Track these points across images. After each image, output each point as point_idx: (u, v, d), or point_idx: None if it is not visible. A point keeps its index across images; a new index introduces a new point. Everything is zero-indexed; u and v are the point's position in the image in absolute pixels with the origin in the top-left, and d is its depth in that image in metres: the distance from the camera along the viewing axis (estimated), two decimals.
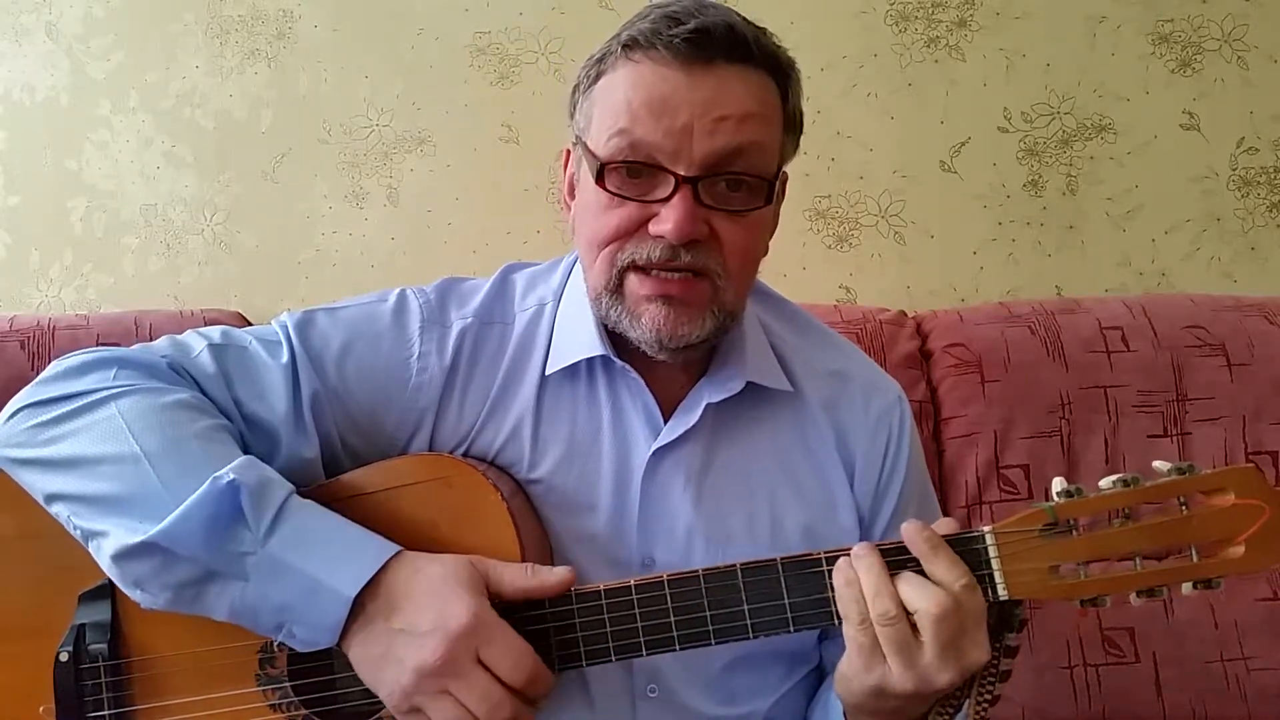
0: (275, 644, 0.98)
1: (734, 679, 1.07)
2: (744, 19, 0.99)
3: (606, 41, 1.02)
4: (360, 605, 0.88)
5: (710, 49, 0.95)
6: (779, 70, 1.01)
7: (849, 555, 0.88)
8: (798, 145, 1.07)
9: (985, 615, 0.86)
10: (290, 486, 0.92)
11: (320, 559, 0.88)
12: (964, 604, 0.84)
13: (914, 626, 0.84)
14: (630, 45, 0.98)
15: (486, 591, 0.89)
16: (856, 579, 0.87)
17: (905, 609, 0.84)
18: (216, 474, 0.88)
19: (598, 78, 1.01)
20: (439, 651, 0.85)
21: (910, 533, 0.87)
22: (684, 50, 0.94)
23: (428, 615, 0.87)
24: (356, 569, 0.88)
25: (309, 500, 0.93)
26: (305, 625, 0.89)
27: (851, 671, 0.87)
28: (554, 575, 0.92)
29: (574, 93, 1.06)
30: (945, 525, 0.90)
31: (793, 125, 1.04)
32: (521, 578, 0.91)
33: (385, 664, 0.88)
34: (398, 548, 0.91)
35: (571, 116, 1.06)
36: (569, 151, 1.08)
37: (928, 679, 0.84)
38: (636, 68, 0.97)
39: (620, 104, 0.97)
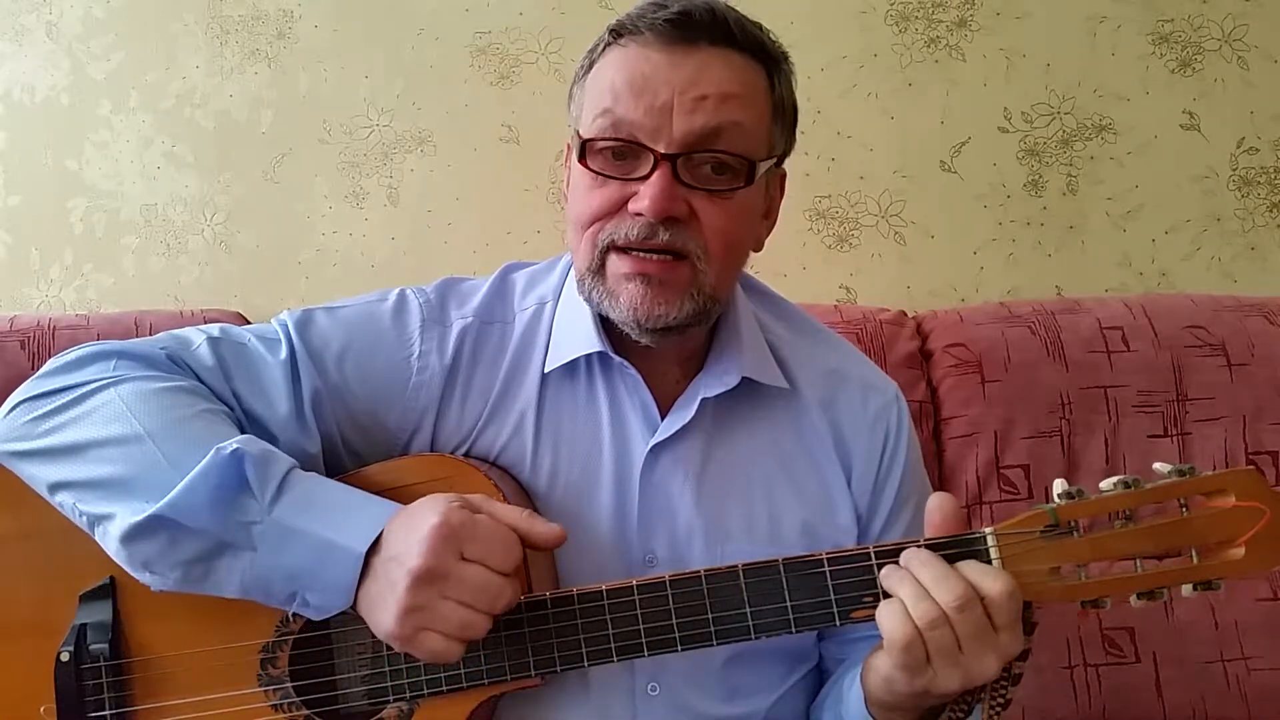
0: (274, 644, 0.98)
1: (735, 677, 1.07)
2: (731, 8, 1.01)
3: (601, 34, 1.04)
4: (369, 562, 0.88)
5: (692, 30, 0.97)
6: (765, 56, 1.02)
7: (895, 563, 0.89)
8: (792, 138, 1.08)
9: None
10: (293, 460, 0.93)
11: (328, 521, 0.89)
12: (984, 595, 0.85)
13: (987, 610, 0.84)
14: (617, 31, 1.01)
15: (466, 503, 0.89)
16: (910, 575, 0.87)
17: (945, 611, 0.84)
18: (220, 445, 0.89)
19: (590, 67, 1.04)
20: (421, 557, 0.85)
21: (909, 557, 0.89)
22: (666, 32, 0.97)
23: (406, 535, 0.87)
24: (364, 526, 0.89)
25: (311, 473, 0.94)
26: (318, 590, 0.89)
27: (899, 676, 0.87)
28: (547, 526, 0.91)
29: (572, 85, 1.08)
30: (939, 499, 0.91)
31: (782, 114, 1.05)
32: (516, 515, 0.91)
33: (381, 595, 0.87)
34: (400, 506, 0.91)
35: (569, 109, 1.08)
36: (569, 145, 1.09)
37: (982, 669, 0.85)
38: (623, 51, 0.99)
39: (605, 87, 0.99)
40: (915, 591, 0.85)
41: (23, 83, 2.06)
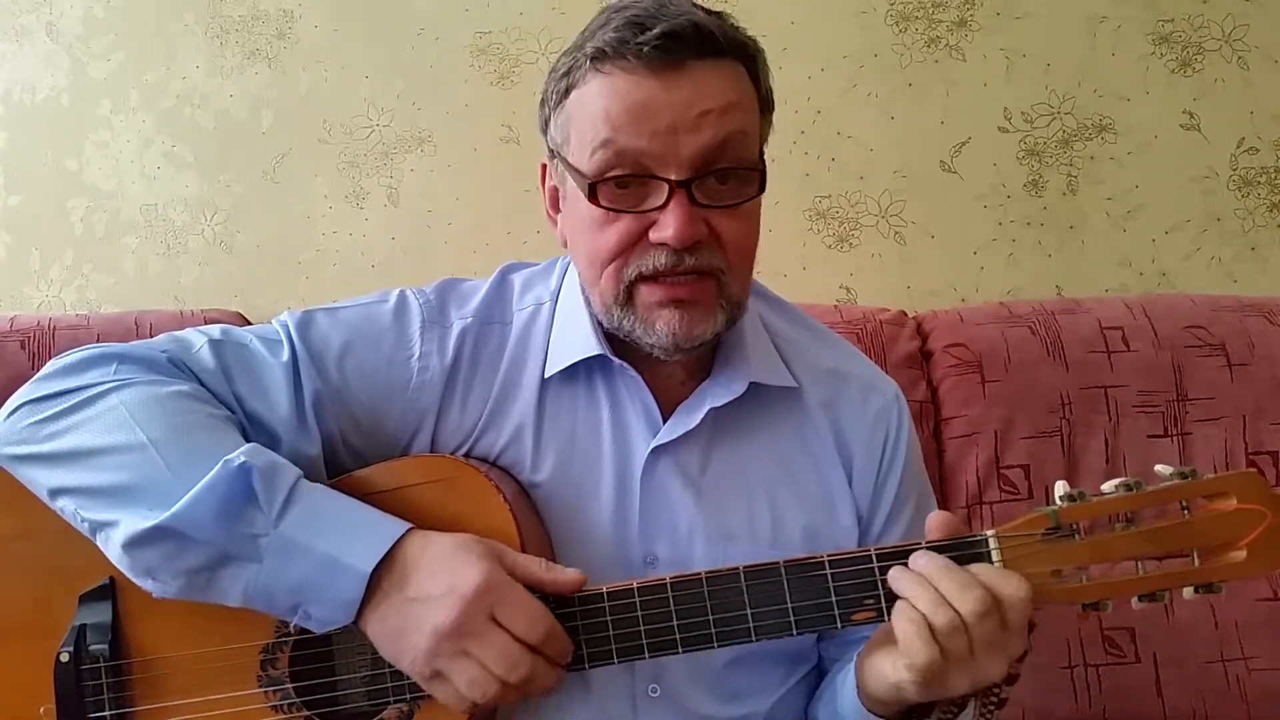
0: (275, 645, 0.98)
1: (735, 678, 1.07)
2: (704, 10, 0.99)
3: (570, 53, 1.01)
4: (376, 581, 0.89)
5: (680, 51, 0.94)
6: (747, 56, 1.00)
7: (903, 565, 0.88)
8: (771, 124, 1.07)
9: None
10: (299, 471, 0.93)
11: (334, 537, 0.89)
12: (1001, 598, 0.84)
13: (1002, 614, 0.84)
14: (598, 57, 0.97)
15: (499, 562, 0.90)
16: (926, 582, 0.86)
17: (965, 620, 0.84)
18: (228, 457, 0.89)
19: (567, 91, 1.00)
20: (453, 612, 0.86)
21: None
22: (654, 57, 0.94)
23: (441, 581, 0.88)
24: (371, 544, 0.89)
25: (318, 484, 0.94)
26: (322, 604, 0.89)
27: (911, 686, 0.86)
28: (567, 575, 0.92)
29: (543, 107, 1.05)
30: (939, 518, 0.91)
31: (768, 106, 1.05)
32: (535, 567, 0.92)
33: (403, 634, 0.88)
34: (410, 525, 0.91)
35: (544, 131, 1.06)
36: (544, 166, 1.09)
37: (987, 673, 0.85)
38: (608, 79, 0.96)
39: (599, 116, 0.96)
40: (933, 599, 0.84)
41: (23, 83, 2.06)
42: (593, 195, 0.97)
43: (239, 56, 2.03)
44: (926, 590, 0.85)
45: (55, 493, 0.94)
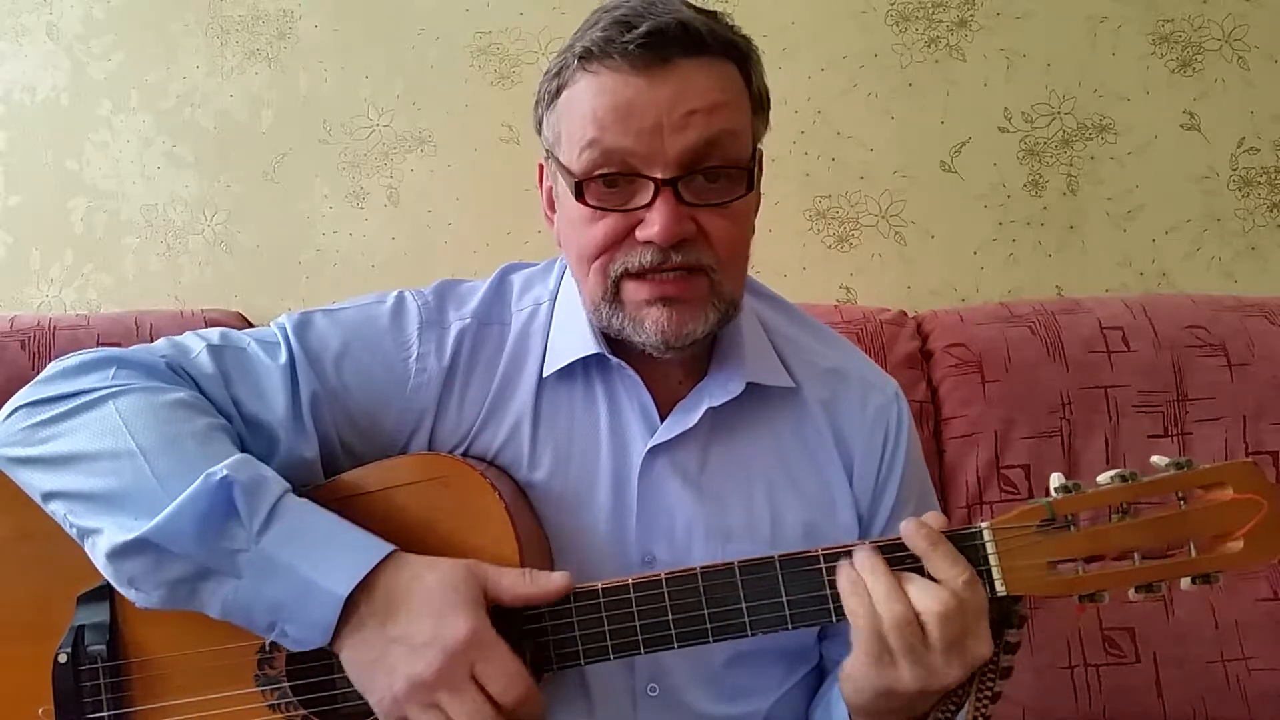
0: (272, 644, 0.98)
1: (735, 677, 1.07)
2: (694, 8, 0.98)
3: (560, 53, 1.01)
4: (354, 606, 0.87)
5: (666, 49, 0.94)
6: (738, 54, 1.00)
7: (850, 559, 0.88)
8: (768, 122, 1.07)
9: (986, 609, 0.86)
10: (286, 484, 0.92)
11: (313, 558, 0.88)
12: (966, 600, 0.84)
13: (921, 626, 0.84)
14: (586, 56, 0.97)
15: (485, 601, 0.89)
16: (863, 583, 0.86)
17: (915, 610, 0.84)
18: (209, 470, 0.88)
19: (558, 92, 1.00)
20: (434, 665, 0.85)
21: (909, 530, 0.87)
22: (640, 55, 0.94)
23: (425, 626, 0.86)
24: (349, 569, 0.88)
25: (304, 499, 0.93)
26: (297, 624, 0.88)
27: (859, 673, 0.87)
28: (552, 581, 0.91)
29: (536, 107, 1.05)
30: (934, 520, 0.90)
31: (761, 105, 1.04)
32: (521, 584, 0.91)
33: (377, 670, 0.87)
34: (392, 547, 0.90)
35: (539, 131, 1.06)
36: (542, 166, 1.09)
37: (936, 677, 0.84)
38: (595, 78, 0.96)
39: (586, 116, 0.96)
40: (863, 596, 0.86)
41: (23, 83, 2.06)
42: (580, 194, 0.97)
43: (239, 56, 2.04)
44: (859, 592, 0.87)
45: (48, 496, 0.93)
